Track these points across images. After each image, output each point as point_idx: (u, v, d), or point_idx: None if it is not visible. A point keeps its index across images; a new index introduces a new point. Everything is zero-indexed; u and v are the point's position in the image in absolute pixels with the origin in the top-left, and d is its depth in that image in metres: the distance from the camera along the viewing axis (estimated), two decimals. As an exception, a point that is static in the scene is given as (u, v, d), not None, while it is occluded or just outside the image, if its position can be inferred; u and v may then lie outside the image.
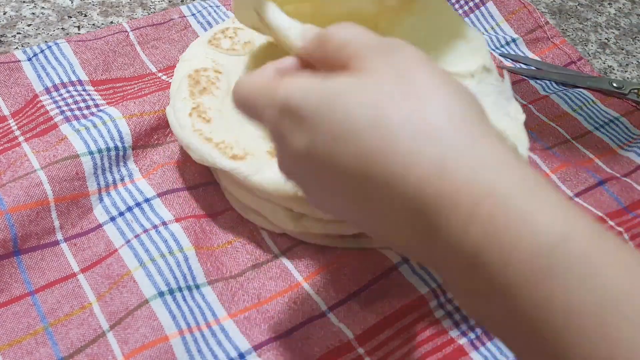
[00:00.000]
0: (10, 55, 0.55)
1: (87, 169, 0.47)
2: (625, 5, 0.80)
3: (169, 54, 0.59)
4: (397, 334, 0.42)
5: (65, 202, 0.45)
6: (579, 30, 0.74)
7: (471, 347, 0.42)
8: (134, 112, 0.50)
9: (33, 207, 0.44)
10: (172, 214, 0.47)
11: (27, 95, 0.53)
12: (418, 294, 0.44)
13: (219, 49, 0.52)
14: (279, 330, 0.41)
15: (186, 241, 0.44)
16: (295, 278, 0.45)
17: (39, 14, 0.62)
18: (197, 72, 0.49)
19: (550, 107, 0.62)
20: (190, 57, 0.51)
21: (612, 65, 0.70)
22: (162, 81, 0.56)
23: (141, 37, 0.59)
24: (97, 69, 0.55)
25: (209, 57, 0.51)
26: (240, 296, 0.43)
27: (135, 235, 0.45)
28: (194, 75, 0.49)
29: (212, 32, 0.53)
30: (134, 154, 0.50)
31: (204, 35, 0.53)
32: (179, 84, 0.48)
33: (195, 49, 0.52)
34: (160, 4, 0.66)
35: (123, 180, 0.49)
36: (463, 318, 0.43)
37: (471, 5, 0.70)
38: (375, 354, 0.41)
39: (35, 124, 0.51)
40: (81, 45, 0.56)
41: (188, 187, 0.49)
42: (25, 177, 0.45)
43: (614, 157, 0.58)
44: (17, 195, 0.44)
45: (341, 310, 0.43)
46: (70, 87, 0.53)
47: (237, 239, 0.47)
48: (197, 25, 0.61)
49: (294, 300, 0.43)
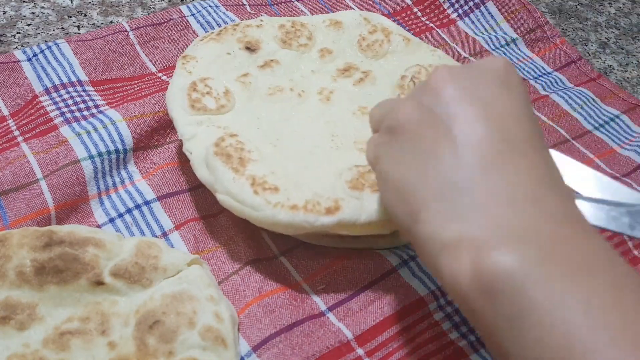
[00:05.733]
0: (10, 56, 0.55)
1: (87, 173, 0.47)
2: (625, 4, 0.80)
3: (169, 54, 0.59)
4: (396, 335, 0.42)
5: (65, 209, 0.46)
6: (579, 30, 0.74)
7: (471, 349, 0.42)
8: (135, 114, 0.50)
9: (34, 218, 0.45)
10: (171, 220, 0.47)
11: (26, 95, 0.53)
12: (418, 295, 0.44)
13: (209, 112, 0.47)
14: (279, 325, 0.42)
15: (184, 250, 0.45)
16: (294, 278, 0.45)
17: (39, 13, 0.62)
18: (219, 147, 0.44)
19: (550, 107, 0.62)
20: (191, 135, 0.46)
21: (612, 65, 0.70)
22: (162, 81, 0.56)
23: (141, 37, 0.59)
24: (97, 69, 0.55)
25: (211, 126, 0.46)
26: (242, 291, 0.44)
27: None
28: (218, 150, 0.44)
29: (183, 94, 0.47)
30: (134, 156, 0.50)
31: (177, 100, 0.47)
32: (212, 168, 0.43)
33: (184, 122, 0.46)
34: (160, 4, 0.66)
35: (123, 182, 0.49)
36: (463, 320, 0.43)
37: (471, 5, 0.70)
38: (375, 355, 0.41)
39: (34, 125, 0.51)
40: (81, 45, 0.56)
41: (188, 188, 0.49)
42: (27, 187, 0.46)
43: (614, 157, 0.58)
44: (19, 208, 0.45)
45: (340, 310, 0.43)
46: (70, 87, 0.53)
47: (237, 238, 0.47)
48: (196, 25, 0.61)
49: (294, 298, 0.44)
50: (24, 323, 0.38)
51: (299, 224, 0.41)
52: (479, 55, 0.66)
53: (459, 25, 0.70)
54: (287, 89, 0.50)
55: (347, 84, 0.52)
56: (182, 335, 0.38)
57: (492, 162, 0.31)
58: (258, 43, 0.52)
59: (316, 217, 0.41)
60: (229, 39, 0.52)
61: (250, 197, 0.41)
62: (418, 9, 0.70)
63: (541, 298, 0.26)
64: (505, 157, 0.31)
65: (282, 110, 0.49)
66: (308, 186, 0.43)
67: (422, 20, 0.69)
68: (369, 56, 0.54)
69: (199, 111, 0.47)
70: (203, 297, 0.40)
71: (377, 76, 0.53)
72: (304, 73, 0.52)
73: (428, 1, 0.71)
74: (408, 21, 0.69)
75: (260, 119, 0.48)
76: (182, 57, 0.51)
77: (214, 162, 0.43)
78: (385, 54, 0.54)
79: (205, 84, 0.48)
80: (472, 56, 0.65)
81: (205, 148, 0.44)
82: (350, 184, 0.43)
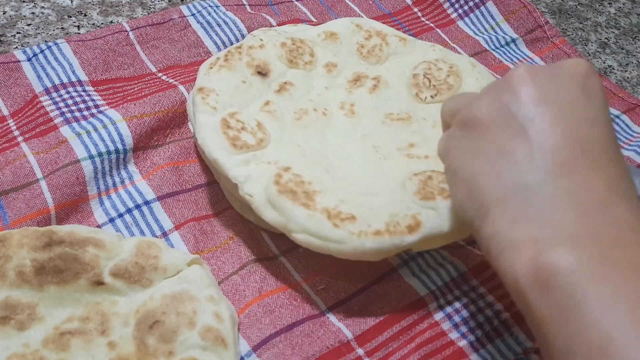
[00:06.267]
0: (10, 56, 0.55)
1: (87, 173, 0.47)
2: (625, 4, 0.80)
3: (169, 54, 0.59)
4: (396, 335, 0.42)
5: (65, 209, 0.46)
6: (579, 30, 0.74)
7: (471, 349, 0.42)
8: (135, 113, 0.50)
9: (34, 218, 0.45)
10: (171, 220, 0.47)
11: (26, 95, 0.53)
12: (418, 295, 0.44)
13: (252, 149, 0.44)
14: (279, 325, 0.42)
15: (184, 250, 0.45)
16: (294, 278, 0.45)
17: (39, 13, 0.62)
18: (280, 185, 0.42)
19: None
20: (245, 176, 0.43)
21: (612, 65, 0.70)
22: (162, 81, 0.56)
23: (141, 36, 0.59)
24: (96, 68, 0.55)
25: (260, 163, 0.44)
26: (242, 291, 0.44)
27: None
28: (281, 189, 0.41)
29: (218, 133, 0.45)
30: (134, 156, 0.50)
31: (214, 141, 0.44)
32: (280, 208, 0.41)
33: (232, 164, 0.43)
34: (160, 4, 0.66)
35: (123, 182, 0.49)
36: (463, 320, 0.43)
37: (471, 5, 0.70)
38: (375, 355, 0.41)
39: (34, 125, 0.51)
40: (81, 45, 0.56)
41: (188, 188, 0.49)
42: (27, 187, 0.46)
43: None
44: (19, 208, 0.45)
45: (340, 310, 0.43)
46: (70, 87, 0.53)
47: (237, 238, 0.47)
48: (196, 25, 0.61)
49: (294, 298, 0.44)
50: (24, 323, 0.38)
51: (387, 249, 0.40)
52: (479, 55, 0.66)
53: (459, 25, 0.70)
54: (310, 110, 0.49)
55: (363, 94, 0.52)
56: (182, 335, 0.38)
57: (565, 169, 0.31)
58: (267, 66, 0.51)
59: (401, 239, 0.40)
60: (239, 64, 0.50)
61: (331, 231, 0.40)
62: (418, 9, 0.70)
63: (592, 297, 0.27)
64: (578, 164, 0.31)
65: (315, 133, 0.48)
66: (381, 207, 0.42)
67: (422, 20, 0.69)
68: (372, 62, 0.54)
69: (242, 149, 0.44)
70: (203, 297, 0.40)
71: (388, 80, 0.53)
72: (318, 91, 0.51)
73: (428, 1, 0.71)
74: (408, 21, 0.69)
75: (301, 146, 0.46)
76: (199, 90, 0.47)
77: (281, 202, 0.41)
78: (387, 57, 0.54)
79: (236, 119, 0.46)
80: (472, 56, 0.65)
81: (264, 188, 0.42)
82: (419, 195, 0.42)
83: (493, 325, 0.43)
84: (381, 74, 0.53)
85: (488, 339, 0.42)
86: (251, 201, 0.42)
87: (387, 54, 0.55)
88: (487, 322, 0.43)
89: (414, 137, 0.49)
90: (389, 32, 0.56)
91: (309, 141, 0.47)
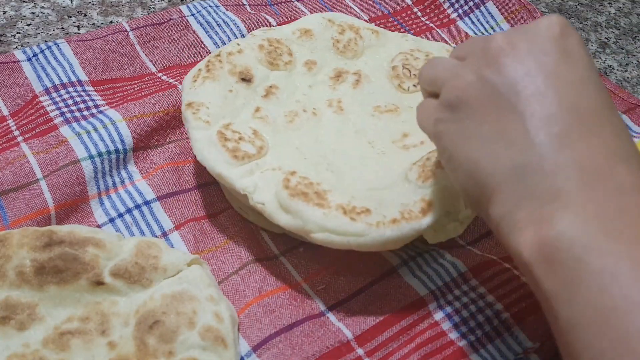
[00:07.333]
0: (10, 55, 0.55)
1: (87, 173, 0.47)
2: (625, 4, 0.80)
3: (168, 54, 0.59)
4: (396, 335, 0.42)
5: (65, 209, 0.46)
6: (579, 30, 0.74)
7: (471, 349, 0.42)
8: (135, 113, 0.50)
9: (34, 218, 0.45)
10: (171, 220, 0.47)
11: (26, 95, 0.53)
12: (417, 295, 0.44)
13: (253, 158, 0.44)
14: (279, 325, 0.42)
15: (184, 250, 0.45)
16: (294, 278, 0.45)
17: (39, 13, 0.62)
18: (290, 189, 0.42)
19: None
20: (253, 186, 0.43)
21: (612, 65, 0.70)
22: (162, 81, 0.56)
23: (141, 36, 0.59)
24: (97, 68, 0.55)
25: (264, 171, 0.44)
26: (242, 291, 0.44)
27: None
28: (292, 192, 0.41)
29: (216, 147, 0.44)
30: (134, 156, 0.50)
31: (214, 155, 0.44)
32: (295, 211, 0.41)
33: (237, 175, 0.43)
34: (160, 4, 0.66)
35: (123, 182, 0.49)
36: (463, 320, 0.43)
37: (471, 5, 0.70)
38: (375, 355, 0.41)
39: (34, 125, 0.51)
40: (81, 45, 0.56)
41: (188, 188, 0.49)
42: (27, 187, 0.46)
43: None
44: (19, 208, 0.45)
45: (340, 310, 0.43)
46: (70, 87, 0.53)
47: (237, 238, 0.47)
48: (196, 25, 0.61)
49: (294, 298, 0.44)
50: (24, 323, 0.38)
51: (406, 235, 0.41)
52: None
53: (459, 25, 0.70)
54: (300, 111, 0.50)
55: (347, 90, 0.52)
56: (182, 335, 0.38)
57: (561, 140, 0.31)
58: (249, 71, 0.50)
59: (419, 222, 0.41)
60: (221, 73, 0.49)
61: (350, 225, 0.40)
62: (418, 9, 0.70)
63: (596, 267, 0.27)
64: (573, 133, 0.31)
65: (308, 133, 0.48)
66: (391, 200, 0.42)
67: (422, 20, 0.69)
68: (349, 57, 0.55)
69: (244, 160, 0.44)
70: (203, 297, 0.40)
71: (368, 74, 0.53)
72: (303, 90, 0.52)
73: (428, 1, 0.71)
74: (408, 21, 0.69)
75: (299, 148, 0.47)
76: (188, 105, 0.47)
77: (294, 205, 0.41)
78: (363, 50, 0.55)
79: (231, 130, 0.46)
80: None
81: (273, 194, 0.42)
82: (421, 179, 0.43)
83: (493, 325, 0.43)
84: (360, 68, 0.54)
85: (488, 339, 0.42)
86: (263, 209, 0.42)
87: (362, 47, 0.55)
88: (487, 322, 0.43)
89: (405, 127, 0.49)
90: (361, 26, 0.57)
91: (305, 143, 0.47)
